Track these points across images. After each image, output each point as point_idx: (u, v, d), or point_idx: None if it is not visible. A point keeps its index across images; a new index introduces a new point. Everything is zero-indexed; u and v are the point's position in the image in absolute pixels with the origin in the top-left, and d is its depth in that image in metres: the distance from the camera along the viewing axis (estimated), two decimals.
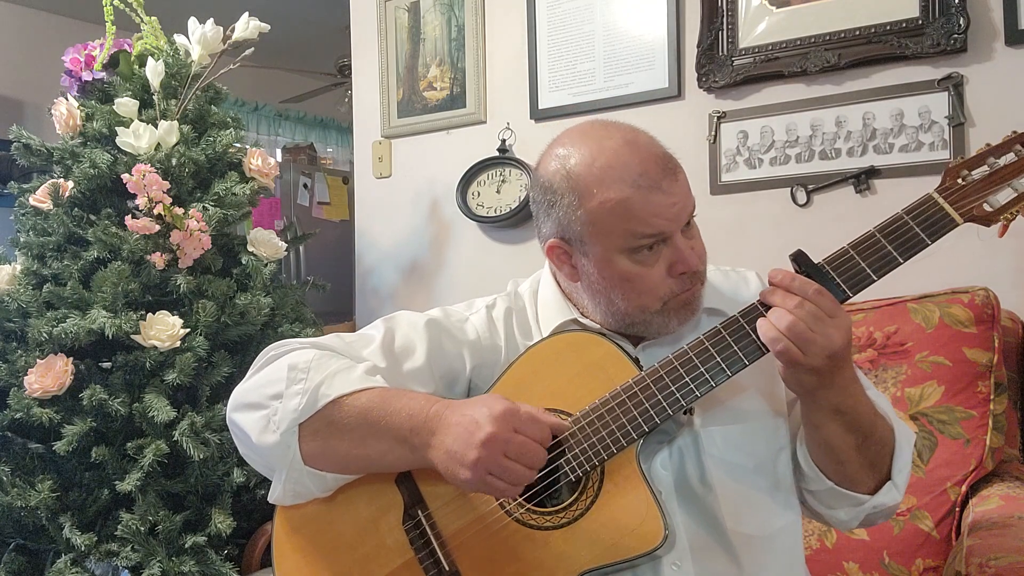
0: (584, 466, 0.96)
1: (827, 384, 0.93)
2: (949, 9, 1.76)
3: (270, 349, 1.07)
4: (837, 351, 0.90)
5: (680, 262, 1.00)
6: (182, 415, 1.71)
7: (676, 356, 0.97)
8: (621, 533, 0.95)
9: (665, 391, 0.96)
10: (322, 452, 0.97)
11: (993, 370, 1.51)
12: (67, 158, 1.92)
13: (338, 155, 5.85)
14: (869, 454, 0.99)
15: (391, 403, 0.96)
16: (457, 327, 1.12)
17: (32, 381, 1.72)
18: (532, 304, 1.15)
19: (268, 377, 1.01)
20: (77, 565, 1.68)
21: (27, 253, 1.90)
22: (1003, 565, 1.06)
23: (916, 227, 0.94)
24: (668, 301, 1.01)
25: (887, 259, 0.94)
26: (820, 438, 0.99)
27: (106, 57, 1.98)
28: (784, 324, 0.89)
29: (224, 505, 1.75)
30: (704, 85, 2.06)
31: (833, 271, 0.94)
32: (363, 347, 1.07)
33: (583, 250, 1.03)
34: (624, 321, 1.05)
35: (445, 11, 2.50)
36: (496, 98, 2.42)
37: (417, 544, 1.00)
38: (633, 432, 0.95)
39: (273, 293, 1.97)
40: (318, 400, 0.96)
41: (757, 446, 1.05)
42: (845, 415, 0.95)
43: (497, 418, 0.88)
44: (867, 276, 0.94)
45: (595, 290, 1.05)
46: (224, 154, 1.99)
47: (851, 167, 1.90)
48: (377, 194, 2.67)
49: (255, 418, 1.00)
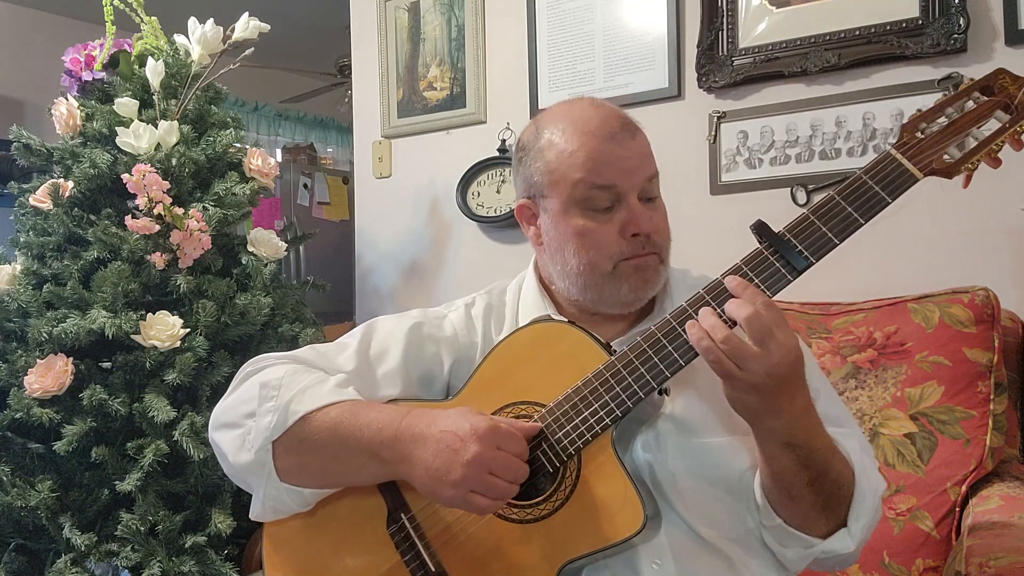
0: (560, 456, 0.96)
1: (773, 409, 0.88)
2: (949, 9, 1.76)
3: (247, 366, 1.08)
4: (775, 369, 0.85)
5: (632, 223, 1.01)
6: (182, 415, 1.71)
7: (644, 338, 0.95)
8: (601, 520, 0.94)
9: (635, 373, 0.94)
10: (297, 468, 0.98)
11: (993, 370, 1.51)
12: (67, 158, 1.92)
13: (338, 155, 5.85)
14: (822, 494, 0.94)
15: (360, 416, 0.96)
16: (435, 325, 1.13)
17: (32, 381, 1.72)
18: (514, 300, 1.16)
19: (242, 396, 1.03)
20: (77, 565, 1.68)
21: (27, 253, 1.90)
22: (1003, 565, 1.06)
23: (875, 186, 0.93)
24: (619, 264, 1.02)
25: (848, 221, 0.92)
26: (772, 471, 0.94)
27: (106, 57, 1.98)
28: (720, 335, 0.86)
29: (224, 505, 1.75)
30: (704, 85, 2.06)
31: (794, 238, 0.93)
32: (338, 354, 1.08)
33: (544, 205, 1.06)
34: (579, 285, 1.05)
35: (445, 11, 2.50)
36: (496, 98, 2.42)
37: (403, 547, 1.00)
38: (606, 417, 0.95)
39: (273, 293, 1.96)
40: (288, 418, 0.97)
41: (726, 461, 1.02)
42: (797, 449, 0.91)
43: (482, 436, 0.89)
44: (829, 240, 0.92)
45: (552, 249, 1.07)
46: (224, 154, 1.99)
47: (851, 167, 1.90)
48: (377, 194, 2.67)
49: (231, 437, 1.01)
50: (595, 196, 1.02)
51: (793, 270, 0.93)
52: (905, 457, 1.51)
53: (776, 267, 0.93)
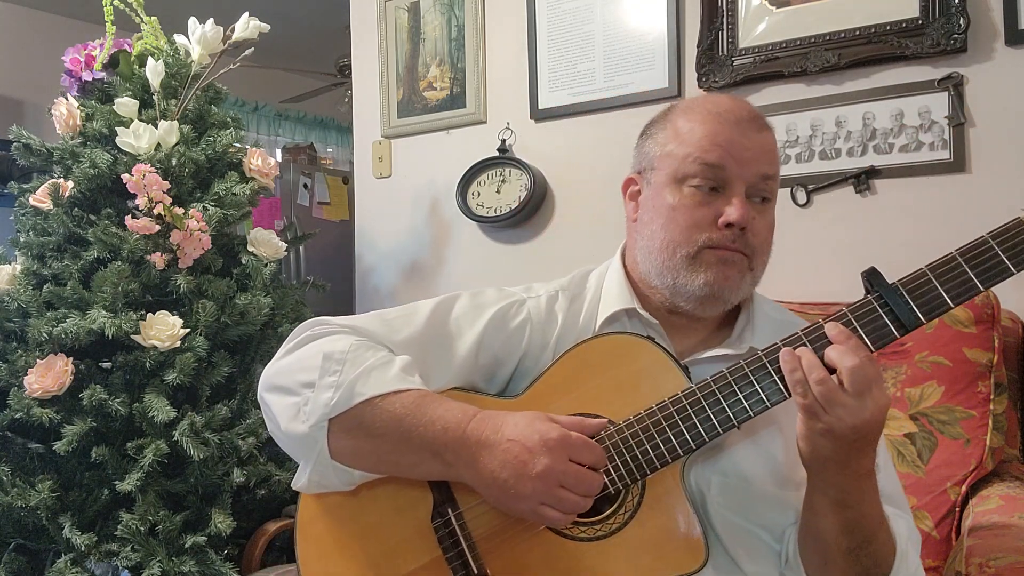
0: (625, 479, 0.92)
1: (840, 462, 0.85)
2: (949, 9, 1.76)
3: (305, 327, 1.02)
4: (864, 425, 0.83)
5: (730, 211, 0.96)
6: (182, 415, 1.71)
7: (731, 370, 0.91)
8: (660, 552, 0.91)
9: (716, 407, 0.90)
10: (351, 451, 0.94)
11: (993, 370, 1.51)
12: (67, 158, 1.92)
13: (338, 155, 5.85)
14: (858, 567, 0.91)
15: (427, 411, 0.92)
16: (513, 313, 1.07)
17: (32, 381, 1.72)
18: (597, 288, 1.11)
19: (302, 362, 0.97)
20: (77, 565, 1.67)
21: (27, 253, 1.90)
22: (1003, 565, 1.06)
23: (1002, 253, 0.87)
24: (703, 250, 0.98)
25: (967, 286, 0.87)
26: (814, 528, 0.92)
27: (106, 57, 1.98)
28: (816, 376, 0.83)
29: (224, 505, 1.75)
30: (704, 85, 2.06)
31: (907, 294, 0.87)
32: (405, 325, 1.03)
33: (649, 178, 1.04)
34: (658, 264, 1.01)
35: (445, 11, 2.50)
36: (496, 98, 2.42)
37: (446, 543, 0.96)
38: (679, 448, 0.91)
39: (273, 293, 1.97)
40: (352, 398, 0.92)
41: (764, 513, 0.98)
42: (848, 510, 0.88)
43: (552, 448, 0.86)
44: (944, 303, 0.87)
45: (644, 222, 1.04)
46: (224, 154, 1.99)
47: (851, 167, 1.90)
48: (377, 194, 2.67)
49: (286, 404, 0.96)
50: (701, 173, 0.98)
51: (901, 327, 0.88)
52: (905, 457, 1.51)
53: (884, 321, 0.88)
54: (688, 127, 1.01)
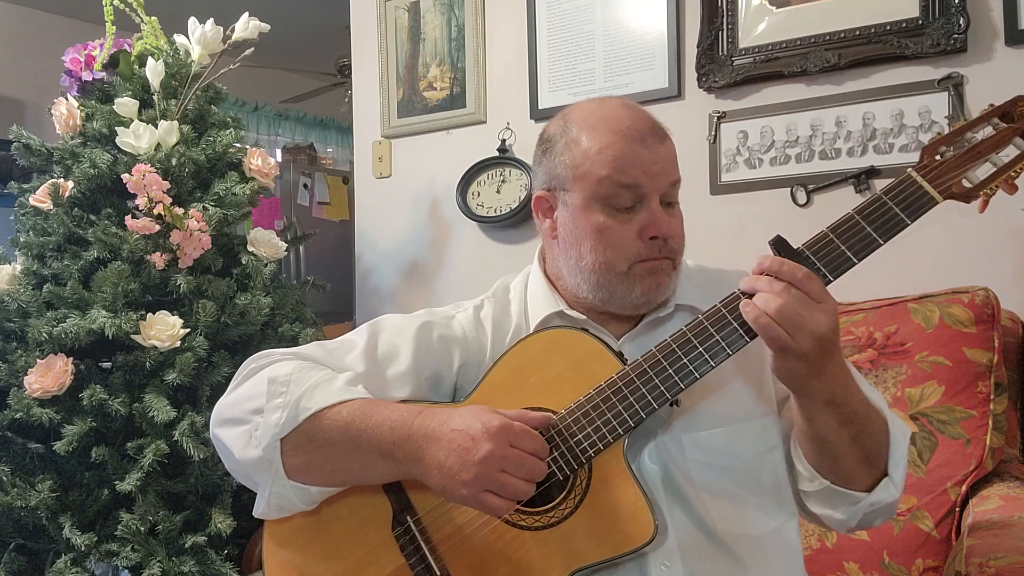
0: (571, 464, 0.96)
1: (817, 372, 0.92)
2: (949, 9, 1.76)
3: (251, 361, 1.07)
4: (825, 334, 0.89)
5: (652, 225, 1.01)
6: (182, 415, 1.71)
7: (659, 348, 0.96)
8: (611, 530, 0.95)
9: (649, 384, 0.95)
10: (305, 466, 0.97)
11: (993, 370, 1.51)
12: (67, 158, 1.92)
13: (338, 155, 5.85)
14: (865, 448, 0.98)
15: (373, 415, 0.95)
16: (444, 325, 1.12)
17: (32, 381, 1.72)
18: (521, 299, 1.15)
19: (249, 391, 1.01)
20: (77, 565, 1.67)
21: (27, 253, 1.90)
22: (1003, 565, 1.06)
23: (895, 207, 0.93)
24: (634, 265, 1.02)
25: (867, 241, 0.93)
26: (814, 432, 0.97)
27: (106, 57, 1.98)
28: (772, 307, 0.88)
29: (224, 505, 1.75)
30: (704, 85, 2.06)
31: (813, 255, 0.93)
32: (345, 354, 1.07)
33: (564, 199, 1.06)
34: (591, 282, 1.05)
35: (445, 11, 2.50)
36: (496, 98, 2.42)
37: (408, 550, 0.99)
38: (619, 428, 0.95)
39: (273, 293, 1.96)
40: (299, 414, 0.96)
41: (743, 448, 1.04)
42: (838, 406, 0.94)
43: (494, 434, 0.88)
44: (848, 259, 0.93)
45: (567, 243, 1.07)
46: (224, 154, 1.99)
47: (851, 167, 1.90)
48: (377, 194, 2.67)
49: (237, 433, 1.00)
50: (619, 194, 1.02)
51: None
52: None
53: None
54: (596, 147, 1.03)
